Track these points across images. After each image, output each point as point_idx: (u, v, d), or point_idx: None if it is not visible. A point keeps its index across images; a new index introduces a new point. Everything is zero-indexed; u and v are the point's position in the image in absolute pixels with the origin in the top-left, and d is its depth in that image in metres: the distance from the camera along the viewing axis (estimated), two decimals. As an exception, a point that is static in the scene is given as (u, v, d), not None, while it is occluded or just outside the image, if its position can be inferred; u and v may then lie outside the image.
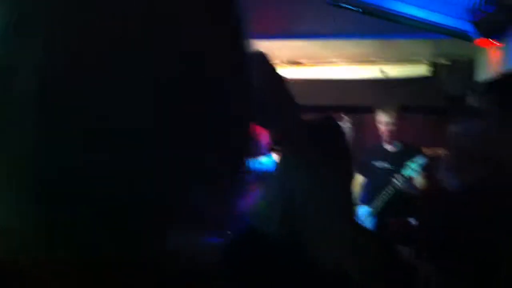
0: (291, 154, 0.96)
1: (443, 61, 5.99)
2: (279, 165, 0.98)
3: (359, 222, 1.37)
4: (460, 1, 3.43)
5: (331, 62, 6.41)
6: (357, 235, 0.98)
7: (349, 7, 3.30)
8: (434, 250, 2.23)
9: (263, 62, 0.94)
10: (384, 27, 4.08)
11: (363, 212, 4.62)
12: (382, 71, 6.23)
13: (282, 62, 6.49)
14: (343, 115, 6.66)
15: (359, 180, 4.90)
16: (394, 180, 4.44)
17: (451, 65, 5.81)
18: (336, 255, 0.92)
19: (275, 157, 4.06)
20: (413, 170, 4.41)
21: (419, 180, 4.51)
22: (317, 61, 6.41)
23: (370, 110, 4.96)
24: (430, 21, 3.58)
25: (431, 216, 3.22)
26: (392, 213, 4.39)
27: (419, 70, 6.09)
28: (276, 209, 1.37)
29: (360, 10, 3.35)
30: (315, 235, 0.95)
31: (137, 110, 0.40)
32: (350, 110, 6.58)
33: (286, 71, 6.46)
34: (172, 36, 0.41)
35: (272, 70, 0.94)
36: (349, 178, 1.46)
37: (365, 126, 6.46)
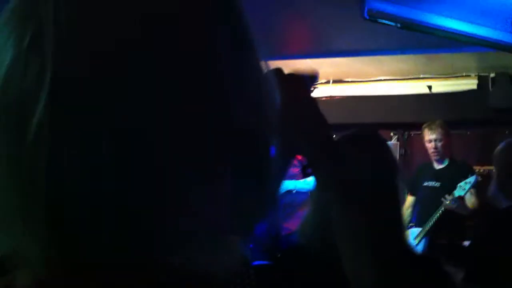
0: (324, 178, 0.92)
1: (489, 74, 5.84)
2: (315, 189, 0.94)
3: (410, 246, 1.34)
4: (503, 13, 3.34)
5: (376, 79, 6.35)
6: (409, 265, 0.93)
7: (387, 22, 3.26)
8: (484, 273, 2.14)
9: (288, 80, 0.92)
10: (428, 41, 4.02)
11: (413, 233, 4.52)
12: (428, 86, 6.13)
13: (326, 80, 6.48)
14: (391, 133, 6.58)
15: (409, 200, 4.82)
16: (444, 199, 4.32)
17: (497, 78, 5.66)
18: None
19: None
20: (463, 189, 4.29)
21: (469, 199, 4.39)
22: (361, 78, 6.37)
23: (417, 127, 4.88)
24: (472, 34, 3.49)
25: (482, 236, 3.12)
26: (442, 234, 4.29)
27: (465, 84, 5.96)
28: (316, 231, 1.35)
29: (399, 25, 3.29)
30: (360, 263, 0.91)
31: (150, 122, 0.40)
32: (397, 127, 6.48)
33: (330, 89, 6.44)
34: (175, 40, 0.42)
35: (299, 89, 0.91)
36: (398, 199, 1.42)
37: (412, 143, 6.35)
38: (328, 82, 6.50)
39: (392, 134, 6.55)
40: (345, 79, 6.47)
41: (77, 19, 0.40)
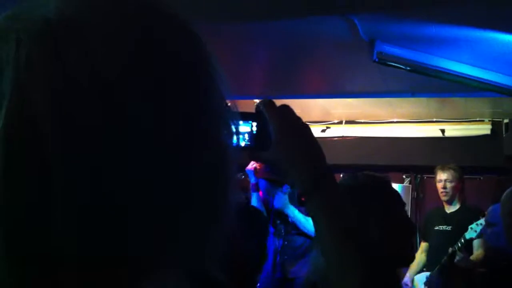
0: (314, 208, 0.93)
1: (502, 119, 5.82)
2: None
3: None
4: (515, 58, 3.35)
5: (388, 121, 6.36)
6: None
7: (396, 64, 3.29)
8: None
9: (284, 114, 0.93)
10: (439, 85, 4.03)
11: (422, 278, 4.45)
12: (441, 130, 6.12)
13: (339, 120, 6.51)
14: (403, 176, 6.54)
15: (422, 246, 4.76)
16: (451, 249, 4.26)
17: (511, 124, 5.63)
18: None
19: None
20: (474, 231, 4.23)
21: (477, 245, 4.31)
22: (374, 119, 6.38)
23: (429, 170, 4.86)
24: (481, 79, 3.50)
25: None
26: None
27: (479, 129, 5.94)
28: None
29: (408, 68, 3.32)
30: None
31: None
32: (409, 170, 6.45)
33: (343, 130, 6.46)
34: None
35: (292, 120, 0.93)
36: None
37: (425, 186, 6.31)
38: (341, 122, 6.52)
39: (404, 176, 6.51)
40: (358, 120, 6.49)
41: (34, 64, 0.42)
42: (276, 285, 4.28)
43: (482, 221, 4.20)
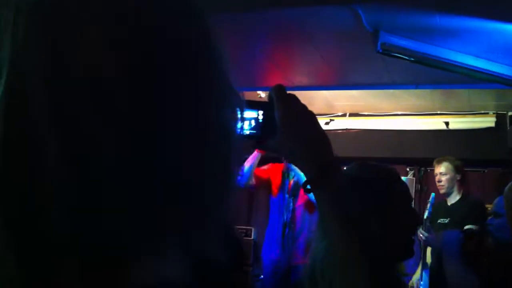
0: (320, 196, 0.92)
1: (507, 112, 5.79)
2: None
3: None
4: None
5: (392, 113, 6.34)
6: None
7: (400, 55, 3.27)
8: None
9: (286, 99, 0.92)
10: (443, 77, 4.01)
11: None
12: (445, 123, 6.10)
13: (343, 113, 6.49)
14: (407, 168, 6.52)
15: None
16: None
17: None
18: None
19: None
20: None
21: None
22: (378, 111, 6.37)
23: (433, 163, 4.83)
24: (487, 70, 3.48)
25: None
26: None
27: (483, 121, 5.92)
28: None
29: (412, 59, 3.30)
30: None
31: None
32: (413, 163, 6.43)
33: (347, 122, 6.44)
34: None
35: (300, 107, 0.92)
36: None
37: (429, 179, 6.29)
38: (344, 115, 6.51)
39: (408, 169, 6.50)
40: (362, 112, 6.47)
41: (34, 33, 0.41)
42: (280, 273, 4.31)
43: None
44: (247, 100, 0.62)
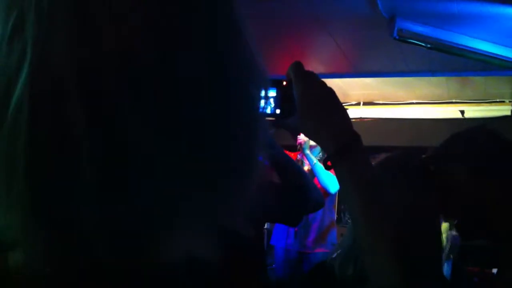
0: (341, 172, 0.91)
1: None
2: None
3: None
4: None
5: (407, 102, 6.30)
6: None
7: (416, 42, 3.24)
8: None
9: (306, 76, 0.91)
10: (459, 64, 3.98)
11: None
12: (460, 111, 6.04)
13: (357, 102, 6.46)
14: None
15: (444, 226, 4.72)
16: None
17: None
18: None
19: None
20: None
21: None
22: (392, 100, 6.32)
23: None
24: (504, 57, 3.44)
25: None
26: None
27: (499, 110, 5.86)
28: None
29: (428, 45, 3.27)
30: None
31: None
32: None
33: (361, 111, 6.41)
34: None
35: (319, 82, 0.91)
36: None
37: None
38: (358, 104, 6.47)
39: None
40: (376, 101, 6.42)
41: (56, 10, 0.40)
42: (292, 262, 4.30)
43: None
44: None
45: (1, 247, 0.44)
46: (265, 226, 6.23)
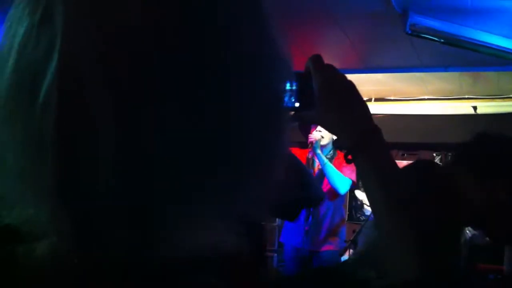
0: (361, 166, 0.90)
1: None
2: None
3: None
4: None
5: (419, 98, 6.27)
6: None
7: (429, 37, 3.23)
8: None
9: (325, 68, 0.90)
10: (472, 59, 3.95)
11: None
12: (473, 107, 6.00)
13: (368, 98, 6.43)
14: (433, 154, 6.45)
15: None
16: None
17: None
18: None
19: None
20: None
21: None
22: (404, 96, 6.30)
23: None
24: (517, 51, 3.42)
25: None
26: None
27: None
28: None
29: (441, 40, 3.25)
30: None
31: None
32: (440, 148, 6.36)
33: (372, 107, 6.38)
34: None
35: (338, 76, 0.90)
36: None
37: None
38: (370, 100, 6.45)
39: (435, 154, 6.42)
40: (388, 97, 6.40)
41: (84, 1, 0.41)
42: (302, 259, 4.30)
43: None
44: None
45: (28, 238, 0.44)
46: (276, 223, 6.25)
